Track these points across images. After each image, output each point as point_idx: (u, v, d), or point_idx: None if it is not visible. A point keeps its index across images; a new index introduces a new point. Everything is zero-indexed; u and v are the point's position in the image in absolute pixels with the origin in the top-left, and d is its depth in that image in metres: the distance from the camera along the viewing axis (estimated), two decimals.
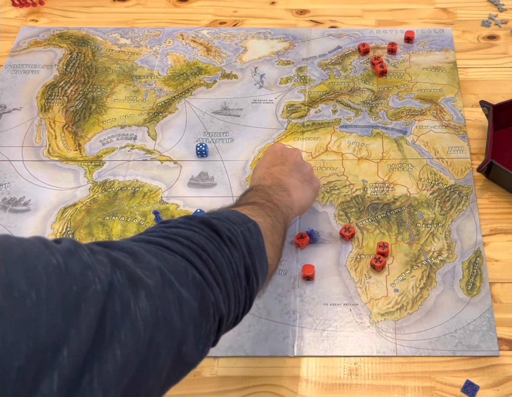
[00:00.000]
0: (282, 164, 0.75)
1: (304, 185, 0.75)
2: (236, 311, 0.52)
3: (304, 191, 0.74)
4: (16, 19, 1.13)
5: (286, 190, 0.71)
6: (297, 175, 0.75)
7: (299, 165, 0.76)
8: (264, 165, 0.75)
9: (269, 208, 0.64)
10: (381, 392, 0.69)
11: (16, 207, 0.86)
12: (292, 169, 0.75)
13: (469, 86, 1.00)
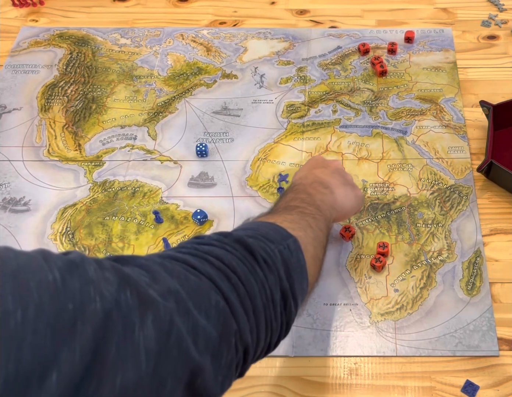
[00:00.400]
0: (323, 167, 0.73)
1: (347, 187, 0.72)
2: (267, 339, 0.49)
3: (347, 193, 0.71)
4: (16, 19, 1.13)
5: (328, 187, 0.69)
6: (339, 177, 0.72)
7: (341, 171, 0.74)
8: (307, 167, 0.74)
9: (311, 215, 0.60)
10: (381, 392, 0.69)
11: (16, 207, 0.86)
12: (334, 171, 0.73)
13: (469, 86, 1.00)
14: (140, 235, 0.83)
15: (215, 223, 0.84)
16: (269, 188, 0.87)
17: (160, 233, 0.83)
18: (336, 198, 0.68)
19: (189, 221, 0.84)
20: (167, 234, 0.83)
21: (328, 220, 0.64)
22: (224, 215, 0.84)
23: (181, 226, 0.83)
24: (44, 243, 0.82)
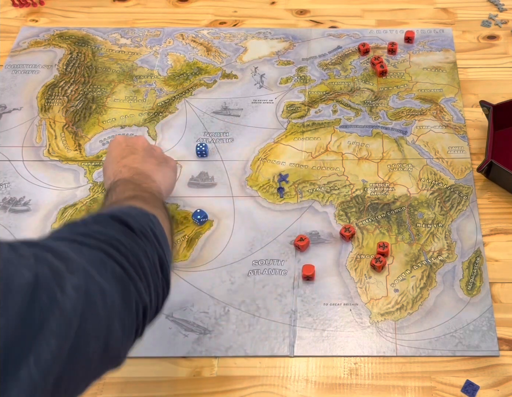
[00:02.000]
0: (132, 153, 0.73)
1: (162, 166, 0.75)
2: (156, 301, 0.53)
3: (165, 173, 0.74)
4: (16, 19, 1.13)
5: (148, 176, 0.70)
6: (151, 159, 0.74)
7: (148, 150, 0.76)
8: (114, 159, 0.73)
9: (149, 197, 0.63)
10: (381, 392, 0.69)
11: (16, 207, 0.86)
12: (144, 155, 0.74)
13: (469, 86, 1.00)
14: None
15: (215, 223, 0.84)
16: (269, 188, 0.87)
17: None
18: (159, 185, 0.70)
19: (189, 221, 0.84)
20: None
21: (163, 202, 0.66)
22: (224, 215, 0.84)
23: (181, 226, 0.83)
24: None
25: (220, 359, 0.72)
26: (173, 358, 0.72)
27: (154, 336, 0.73)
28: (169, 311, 0.75)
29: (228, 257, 0.80)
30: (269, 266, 0.79)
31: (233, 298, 0.77)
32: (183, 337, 0.73)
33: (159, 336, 0.73)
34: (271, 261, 0.80)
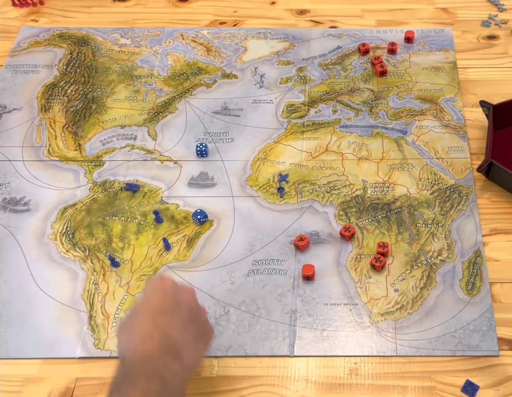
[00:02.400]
0: (173, 313, 0.59)
1: (198, 343, 0.61)
2: None
3: (197, 352, 0.61)
4: (16, 19, 1.13)
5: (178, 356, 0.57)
6: (191, 328, 0.60)
7: (193, 312, 0.62)
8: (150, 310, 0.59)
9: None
10: (381, 392, 0.69)
11: (16, 207, 0.86)
12: (186, 320, 0.60)
13: (469, 86, 1.00)
14: (140, 235, 0.83)
15: (215, 223, 0.84)
16: (269, 188, 0.87)
17: (160, 233, 0.83)
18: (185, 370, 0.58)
19: (189, 221, 0.84)
20: (167, 234, 0.83)
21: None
22: (224, 215, 0.85)
23: (181, 226, 0.83)
24: (44, 243, 0.82)
25: (220, 359, 0.72)
26: None
27: None
28: None
29: (228, 257, 0.80)
30: (269, 266, 0.79)
31: (233, 298, 0.77)
32: None
33: None
34: (271, 261, 0.80)
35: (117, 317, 0.75)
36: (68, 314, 0.76)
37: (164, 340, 0.57)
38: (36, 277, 0.79)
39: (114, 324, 0.75)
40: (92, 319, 0.75)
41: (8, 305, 0.76)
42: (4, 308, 0.76)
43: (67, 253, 0.81)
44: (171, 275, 0.79)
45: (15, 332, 0.74)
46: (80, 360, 0.72)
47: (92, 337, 0.73)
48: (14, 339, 0.74)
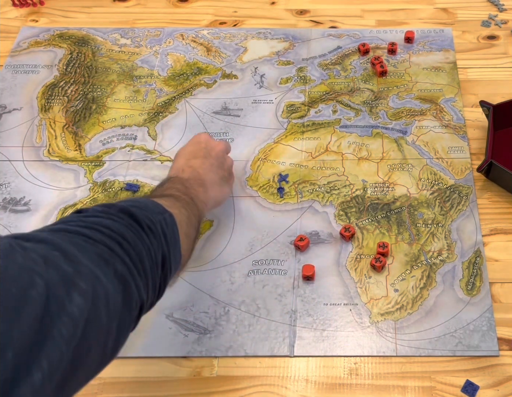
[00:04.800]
0: (204, 157, 0.74)
1: (222, 181, 0.76)
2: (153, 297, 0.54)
3: (222, 188, 0.75)
4: (16, 19, 1.13)
5: (203, 185, 0.71)
6: (217, 170, 0.75)
7: (221, 160, 0.76)
8: (185, 155, 0.75)
9: (185, 200, 0.64)
10: (381, 392, 0.69)
11: (16, 207, 0.86)
12: (213, 163, 0.75)
13: (469, 86, 1.00)
14: None
15: (215, 223, 0.84)
16: (269, 188, 0.87)
17: None
18: (209, 196, 0.71)
19: None
20: None
21: (200, 211, 0.67)
22: (224, 215, 0.84)
23: None
24: None
25: (220, 359, 0.72)
26: (173, 358, 0.72)
27: (154, 336, 0.73)
28: (169, 311, 0.75)
29: (228, 257, 0.80)
30: (269, 266, 0.79)
31: (233, 298, 0.77)
32: (183, 337, 0.73)
33: (159, 336, 0.73)
34: (271, 261, 0.80)
35: None
36: None
37: (193, 174, 0.71)
38: None
39: None
40: None
41: None
42: None
43: None
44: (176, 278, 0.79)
45: None
46: None
47: None
48: None
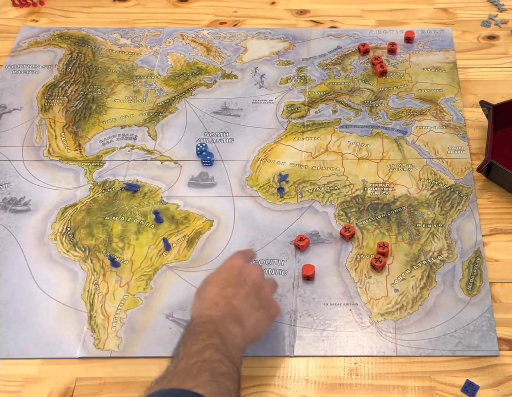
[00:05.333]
0: (239, 286, 0.67)
1: (260, 313, 0.67)
2: None
3: (259, 320, 0.66)
4: (16, 19, 1.13)
5: (240, 321, 0.64)
6: (253, 300, 0.67)
7: (257, 287, 0.68)
8: (219, 283, 0.67)
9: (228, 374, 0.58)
10: (381, 392, 0.69)
11: (16, 207, 0.86)
12: (249, 293, 0.67)
13: (469, 86, 1.00)
14: (140, 235, 0.83)
15: (215, 223, 0.84)
16: (269, 188, 0.87)
17: (160, 233, 0.83)
18: (246, 335, 0.64)
19: (189, 221, 0.84)
20: (167, 234, 0.83)
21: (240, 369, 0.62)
22: (224, 215, 0.85)
23: (181, 226, 0.83)
24: (44, 243, 0.82)
25: None
26: None
27: (154, 336, 0.73)
28: (169, 311, 0.75)
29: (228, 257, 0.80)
30: (269, 266, 0.79)
31: None
32: None
33: (159, 336, 0.73)
34: (271, 261, 0.80)
35: (117, 317, 0.75)
36: (68, 314, 0.76)
37: (228, 308, 0.64)
38: (36, 277, 0.79)
39: (114, 324, 0.75)
40: (92, 319, 0.75)
41: (8, 305, 0.76)
42: (4, 308, 0.76)
43: (67, 253, 0.81)
44: (171, 275, 0.79)
45: (15, 332, 0.74)
46: (80, 360, 0.72)
47: (92, 337, 0.73)
48: (14, 339, 0.74)
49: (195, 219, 0.84)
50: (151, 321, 0.75)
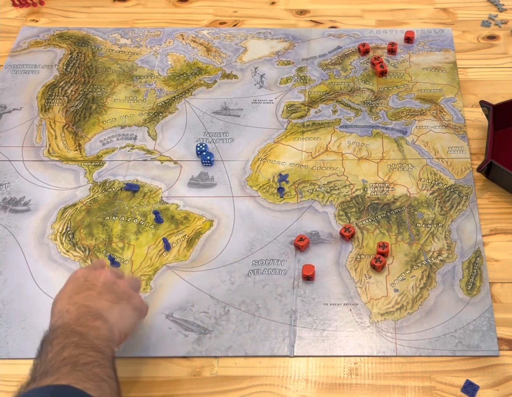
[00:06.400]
0: (88, 289, 0.65)
1: (120, 304, 0.65)
2: None
3: (122, 311, 0.65)
4: (16, 19, 1.13)
5: (99, 316, 0.62)
6: (108, 296, 0.65)
7: (109, 285, 0.66)
8: (65, 295, 0.64)
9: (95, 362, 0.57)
10: (381, 392, 0.69)
11: (16, 207, 0.86)
12: (102, 291, 0.65)
13: (469, 86, 1.00)
14: (140, 235, 0.83)
15: (215, 223, 0.84)
16: (269, 188, 0.87)
17: (160, 233, 0.83)
18: (112, 326, 0.63)
19: (189, 221, 0.84)
20: (167, 234, 0.83)
21: (112, 358, 0.60)
22: (224, 215, 0.85)
23: (181, 226, 0.83)
24: (44, 243, 0.82)
25: (220, 359, 0.72)
26: (173, 358, 0.72)
27: (154, 336, 0.73)
28: (169, 311, 0.75)
29: (228, 257, 0.80)
30: (269, 266, 0.79)
31: (233, 298, 0.77)
32: (183, 337, 0.73)
33: (159, 336, 0.73)
34: (271, 261, 0.80)
35: None
36: None
37: (81, 309, 0.62)
38: (36, 277, 0.79)
39: None
40: None
41: (8, 305, 0.76)
42: (4, 308, 0.76)
43: (67, 253, 0.81)
44: (171, 275, 0.79)
45: (15, 332, 0.74)
46: None
47: None
48: (14, 339, 0.74)
49: (195, 219, 0.84)
50: (151, 321, 0.75)
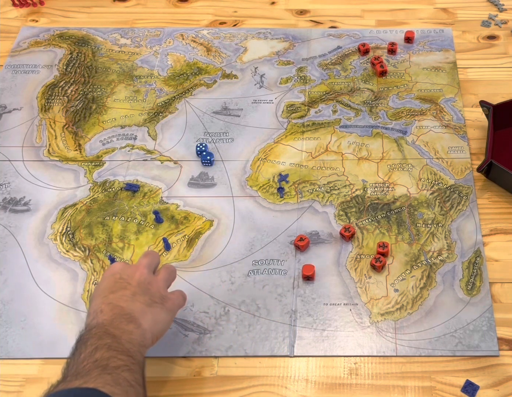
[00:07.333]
0: (122, 288, 0.64)
1: (154, 308, 0.64)
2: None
3: (155, 315, 0.64)
4: (16, 19, 1.13)
5: (133, 320, 0.61)
6: (143, 298, 0.64)
7: (144, 285, 0.65)
8: (101, 293, 0.64)
9: (125, 367, 0.57)
10: (381, 392, 0.69)
11: (16, 207, 0.86)
12: (136, 292, 0.64)
13: (469, 86, 1.00)
14: (140, 235, 0.83)
15: (215, 223, 0.84)
16: (269, 188, 0.87)
17: (160, 233, 0.83)
18: (144, 332, 0.62)
19: (189, 221, 0.84)
20: (167, 234, 0.83)
21: (142, 363, 0.60)
22: (224, 215, 0.85)
23: (181, 226, 0.83)
24: (44, 243, 0.82)
25: (220, 359, 0.72)
26: (173, 358, 0.72)
27: None
28: None
29: (228, 257, 0.80)
30: (269, 266, 0.79)
31: (233, 298, 0.77)
32: (183, 337, 0.73)
33: None
34: (271, 261, 0.80)
35: None
36: (68, 314, 0.76)
37: (115, 310, 0.62)
38: (36, 277, 0.79)
39: None
40: None
41: (8, 305, 0.76)
42: (4, 308, 0.76)
43: (67, 253, 0.81)
44: None
45: (15, 332, 0.74)
46: None
47: None
48: (14, 339, 0.74)
49: (195, 219, 0.84)
50: None
